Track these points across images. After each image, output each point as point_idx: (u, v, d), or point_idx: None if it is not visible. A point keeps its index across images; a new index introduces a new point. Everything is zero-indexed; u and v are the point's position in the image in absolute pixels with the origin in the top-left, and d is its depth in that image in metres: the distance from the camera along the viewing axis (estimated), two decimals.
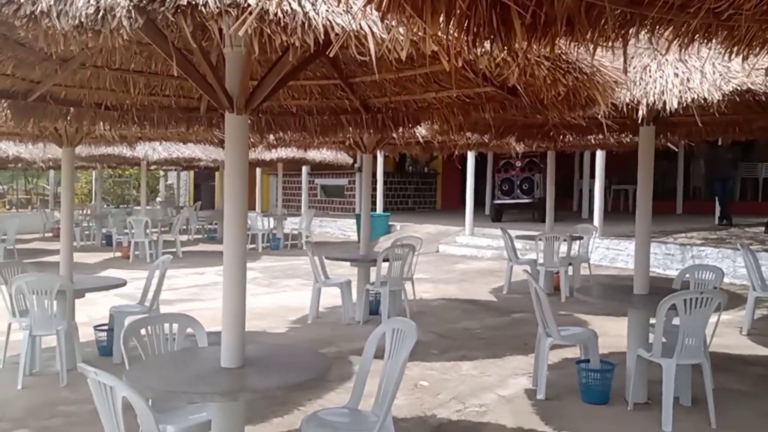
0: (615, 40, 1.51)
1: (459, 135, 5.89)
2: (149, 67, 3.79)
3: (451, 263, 11.90)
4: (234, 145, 2.85)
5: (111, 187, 25.10)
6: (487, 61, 2.04)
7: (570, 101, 3.00)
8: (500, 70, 2.91)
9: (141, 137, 6.46)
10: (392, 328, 3.27)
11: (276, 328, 6.85)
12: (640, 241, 4.77)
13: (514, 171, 14.82)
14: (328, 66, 3.86)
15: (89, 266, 11.39)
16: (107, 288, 5.57)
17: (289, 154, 12.94)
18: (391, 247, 7.24)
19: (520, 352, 5.87)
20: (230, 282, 2.89)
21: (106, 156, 11.62)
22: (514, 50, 1.62)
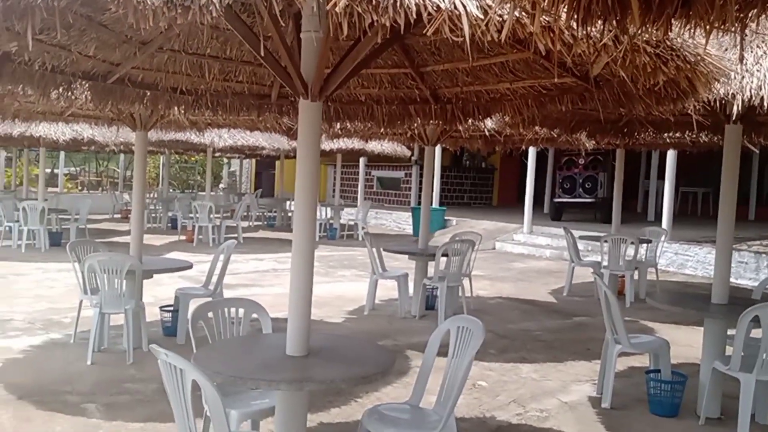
0: (732, 24, 1.38)
1: (528, 129, 5.72)
2: (224, 52, 3.81)
3: (508, 261, 11.69)
4: (307, 132, 2.82)
5: (177, 172, 25.85)
6: (585, 46, 1.92)
7: (661, 93, 2.83)
8: (584, 58, 2.78)
9: (211, 123, 6.56)
10: (458, 326, 3.19)
11: (333, 318, 6.87)
12: (721, 248, 4.50)
13: (576, 169, 14.41)
14: (400, 54, 3.79)
15: (155, 248, 11.74)
16: (174, 270, 5.70)
17: (348, 145, 12.97)
18: (450, 242, 7.13)
19: (583, 358, 5.68)
20: (298, 270, 2.86)
21: (174, 142, 11.92)
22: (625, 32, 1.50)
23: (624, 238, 8.09)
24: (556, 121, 5.21)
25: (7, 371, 4.76)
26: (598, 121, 5.56)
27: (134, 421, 3.88)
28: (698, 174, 16.69)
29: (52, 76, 3.35)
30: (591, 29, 2.02)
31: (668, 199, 11.20)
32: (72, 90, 3.53)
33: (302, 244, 2.87)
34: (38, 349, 5.36)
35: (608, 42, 2.01)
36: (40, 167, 11.66)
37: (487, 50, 3.37)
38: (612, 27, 1.53)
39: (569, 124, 5.45)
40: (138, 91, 3.93)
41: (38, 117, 6.22)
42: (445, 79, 4.02)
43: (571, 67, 3.19)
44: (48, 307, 6.84)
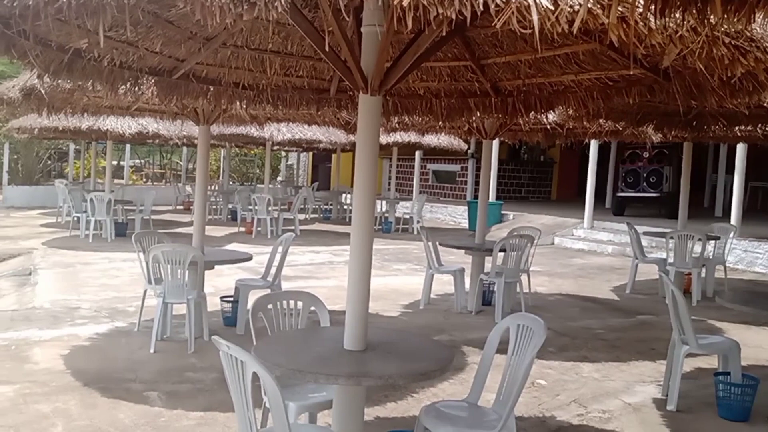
0: None
1: (592, 122, 5.54)
2: (285, 47, 3.84)
3: (567, 257, 11.43)
4: (366, 127, 2.80)
5: (237, 165, 26.45)
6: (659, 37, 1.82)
7: (736, 86, 2.67)
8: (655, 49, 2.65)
9: (270, 117, 6.65)
10: (518, 324, 3.12)
11: (388, 311, 6.87)
12: None
13: (641, 162, 13.94)
14: (461, 46, 3.72)
15: (215, 239, 12.04)
16: (235, 261, 5.82)
17: (405, 139, 12.93)
18: (508, 237, 7.01)
19: (647, 358, 5.49)
20: (357, 265, 2.86)
21: (234, 135, 12.17)
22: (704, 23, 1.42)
23: (691, 235, 7.77)
24: (622, 113, 5.02)
25: (74, 358, 4.97)
26: (666, 114, 5.34)
27: (195, 410, 3.98)
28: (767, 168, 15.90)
29: (120, 72, 3.45)
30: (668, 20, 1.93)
31: (738, 195, 10.70)
32: (139, 85, 3.63)
33: (361, 238, 2.87)
34: (104, 337, 5.57)
35: (684, 33, 1.90)
36: (107, 160, 12.12)
37: (552, 41, 3.27)
38: (691, 17, 1.44)
39: (635, 116, 5.24)
40: (202, 87, 4.01)
41: (106, 111, 6.46)
42: (507, 72, 3.93)
43: (641, 59, 3.05)
44: (114, 296, 7.11)
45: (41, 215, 15.57)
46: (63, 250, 10.21)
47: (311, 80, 4.23)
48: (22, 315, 6.27)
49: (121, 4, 2.02)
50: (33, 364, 4.77)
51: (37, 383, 4.35)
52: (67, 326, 5.87)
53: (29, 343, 5.30)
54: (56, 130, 11.00)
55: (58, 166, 24.61)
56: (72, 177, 20.58)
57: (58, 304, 6.65)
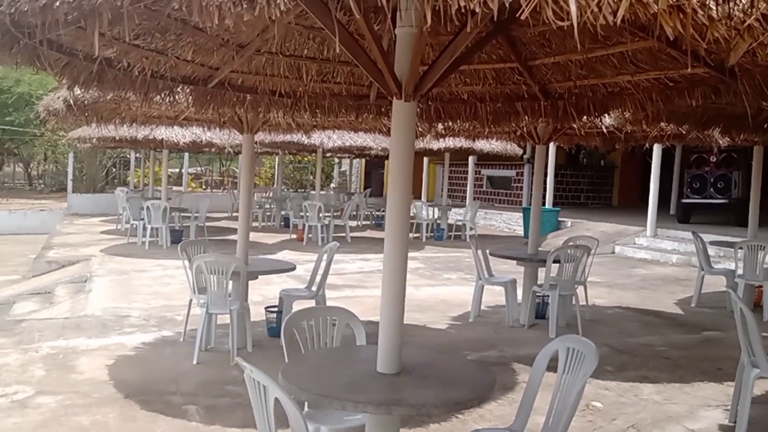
0: None
1: (652, 125, 5.18)
2: (321, 53, 3.71)
3: (628, 267, 10.90)
4: (400, 134, 2.63)
5: (291, 172, 26.73)
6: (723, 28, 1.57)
7: None
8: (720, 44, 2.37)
9: (316, 125, 6.57)
10: (567, 348, 2.87)
11: (436, 323, 6.65)
12: None
13: (707, 167, 13.21)
14: (506, 47, 3.50)
15: (267, 246, 12.11)
16: (278, 272, 5.74)
17: (456, 144, 12.68)
18: (563, 247, 6.68)
19: (713, 379, 5.08)
20: (390, 282, 2.69)
21: (285, 143, 12.22)
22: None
23: (762, 245, 7.22)
24: (685, 116, 4.66)
25: (118, 368, 4.98)
26: (733, 116, 4.94)
27: (232, 426, 3.89)
28: None
29: (153, 82, 3.40)
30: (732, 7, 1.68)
31: None
32: (174, 95, 3.58)
33: (394, 253, 2.69)
34: (149, 347, 5.58)
35: (753, 23, 1.64)
36: (163, 168, 12.38)
37: (603, 39, 3.02)
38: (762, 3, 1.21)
39: (700, 119, 4.87)
40: (238, 95, 3.94)
41: (155, 121, 6.54)
42: (556, 73, 3.67)
43: (704, 56, 2.76)
44: (163, 304, 7.17)
45: (102, 222, 16.08)
46: (119, 257, 10.45)
47: (349, 86, 4.09)
48: (74, 323, 6.38)
49: (141, 12, 1.93)
50: (78, 374, 4.80)
51: (80, 394, 4.36)
52: (115, 335, 5.92)
53: (77, 352, 5.36)
54: (114, 140, 11.30)
55: (121, 174, 25.51)
56: (133, 185, 21.23)
57: (109, 312, 6.75)
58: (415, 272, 9.72)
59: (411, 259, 11.17)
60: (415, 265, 10.41)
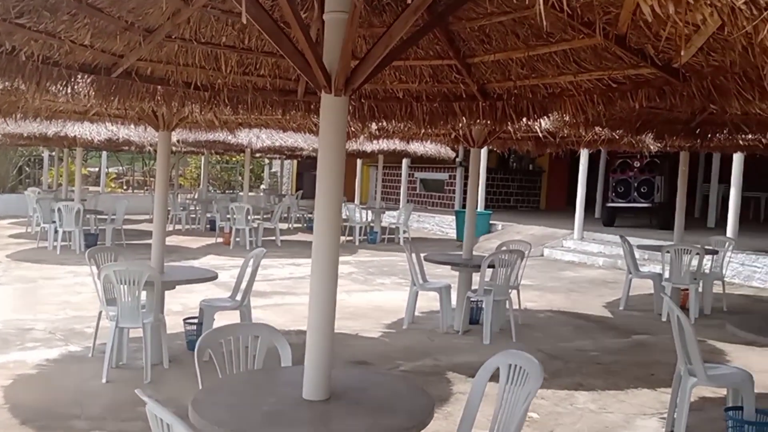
0: None
1: (589, 129, 5.12)
2: (242, 42, 3.38)
3: (557, 269, 11.01)
4: (330, 132, 2.35)
5: (219, 173, 25.87)
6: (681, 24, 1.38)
7: None
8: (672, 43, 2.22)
9: (241, 123, 6.18)
10: (508, 364, 2.66)
11: (369, 332, 6.39)
12: None
13: (631, 172, 13.59)
14: (444, 43, 3.28)
15: (190, 251, 11.53)
16: (198, 281, 5.31)
17: (390, 146, 12.49)
18: (497, 252, 6.58)
19: (647, 385, 5.06)
20: (318, 298, 2.40)
21: (211, 142, 11.67)
22: None
23: (688, 249, 7.37)
24: (621, 121, 4.61)
25: (16, 390, 4.45)
26: (667, 121, 4.94)
27: None
28: (760, 177, 15.61)
29: (46, 69, 2.97)
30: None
31: (734, 206, 10.36)
32: (72, 85, 3.15)
33: (324, 262, 2.41)
34: (54, 364, 5.05)
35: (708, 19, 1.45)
36: (76, 167, 11.57)
37: (547, 35, 2.84)
38: None
39: (635, 124, 4.83)
40: (147, 86, 3.53)
41: (62, 116, 5.99)
42: (496, 72, 3.48)
43: (651, 55, 2.62)
44: (73, 315, 6.59)
45: (12, 225, 14.96)
46: (27, 263, 9.65)
47: (275, 80, 3.76)
48: None
49: None
50: None
51: None
52: (15, 351, 5.34)
53: None
54: (22, 137, 10.43)
55: (35, 174, 23.92)
56: (47, 185, 19.92)
57: (11, 325, 6.12)
58: (348, 277, 9.45)
59: (344, 264, 10.95)
60: (348, 269, 10.13)
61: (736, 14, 1.20)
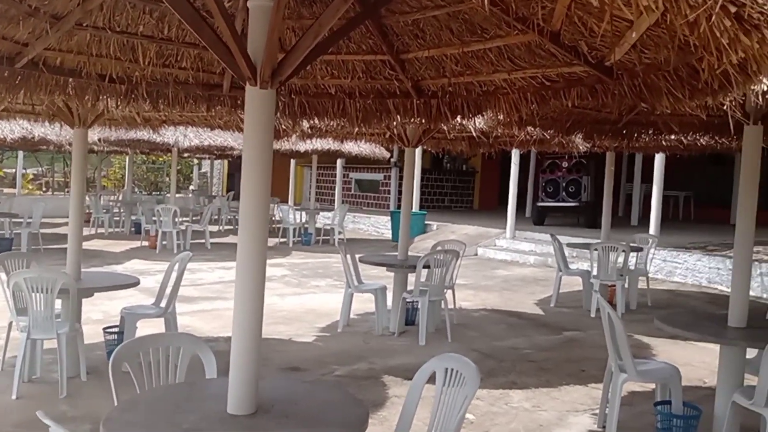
0: None
1: (522, 129, 5.14)
2: (161, 31, 3.16)
3: (491, 268, 11.15)
4: (256, 127, 2.20)
5: (145, 173, 24.90)
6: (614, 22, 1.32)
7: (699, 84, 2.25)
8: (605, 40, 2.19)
9: (165, 120, 5.87)
10: (445, 368, 2.58)
11: (302, 336, 6.22)
12: (739, 263, 3.97)
13: (560, 172, 13.96)
14: (377, 37, 3.17)
15: (113, 255, 10.98)
16: (117, 288, 5.00)
17: (324, 146, 12.31)
18: (432, 252, 6.55)
19: (578, 381, 5.13)
20: (243, 305, 2.24)
21: (135, 141, 11.17)
22: None
23: (615, 246, 7.59)
24: (552, 121, 4.65)
25: None
26: (596, 122, 5.03)
27: None
28: (679, 177, 16.39)
29: None
30: None
31: (656, 205, 10.77)
32: None
33: (249, 267, 2.26)
34: None
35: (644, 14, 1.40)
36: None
37: (481, 31, 2.78)
38: None
39: (565, 124, 4.89)
40: (57, 78, 3.26)
41: None
42: (430, 69, 3.41)
43: (585, 53, 2.60)
44: None
45: None
46: None
47: (198, 73, 3.55)
48: None
49: None
50: None
51: None
52: None
53: None
54: None
55: None
56: None
57: None
58: (281, 280, 9.23)
59: (277, 266, 10.70)
60: (281, 272, 9.90)
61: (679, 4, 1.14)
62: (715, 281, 9.62)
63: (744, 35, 1.34)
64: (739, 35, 1.32)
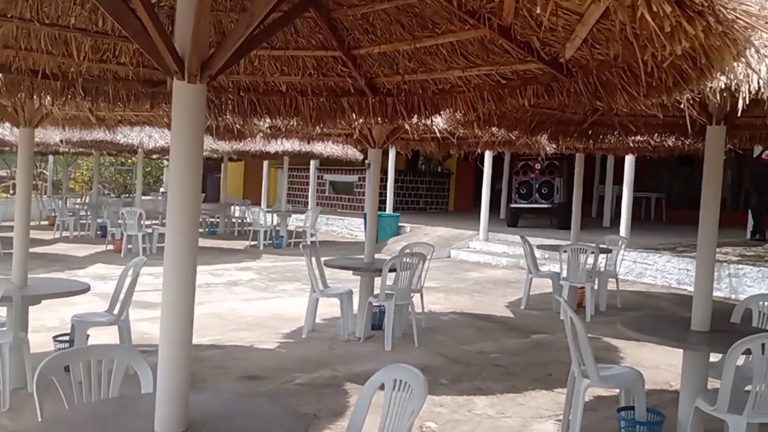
0: None
1: (484, 129, 5.05)
2: (96, 24, 2.99)
3: (463, 270, 11.08)
4: (184, 124, 2.05)
5: (113, 175, 24.43)
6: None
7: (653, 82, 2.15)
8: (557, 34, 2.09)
9: (121, 120, 5.67)
10: (393, 379, 2.46)
11: (265, 343, 6.05)
12: (702, 266, 3.91)
13: (533, 174, 13.96)
14: (326, 32, 3.04)
15: (76, 260, 10.69)
16: (66, 294, 4.78)
17: (295, 147, 12.13)
18: (399, 255, 6.43)
19: (544, 386, 5.04)
20: (170, 315, 2.09)
21: (98, 142, 10.88)
22: None
23: (584, 248, 7.55)
24: (516, 121, 4.56)
25: None
26: (561, 122, 4.95)
27: None
28: (650, 178, 16.51)
29: None
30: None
31: (626, 206, 10.78)
32: None
33: (177, 271, 2.11)
34: None
35: None
36: None
37: (432, 25, 2.67)
38: None
39: (529, 125, 4.81)
40: None
41: None
42: (383, 66, 3.28)
43: (538, 49, 2.50)
44: None
45: None
46: None
47: (138, 69, 3.38)
48: None
49: None
50: None
51: None
52: None
53: None
54: None
55: None
56: None
57: None
58: (248, 284, 9.03)
59: (245, 270, 10.49)
60: (249, 276, 9.70)
61: None
62: (684, 282, 9.64)
63: (687, 22, 1.23)
64: (681, 22, 1.21)
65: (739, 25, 1.30)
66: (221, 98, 3.46)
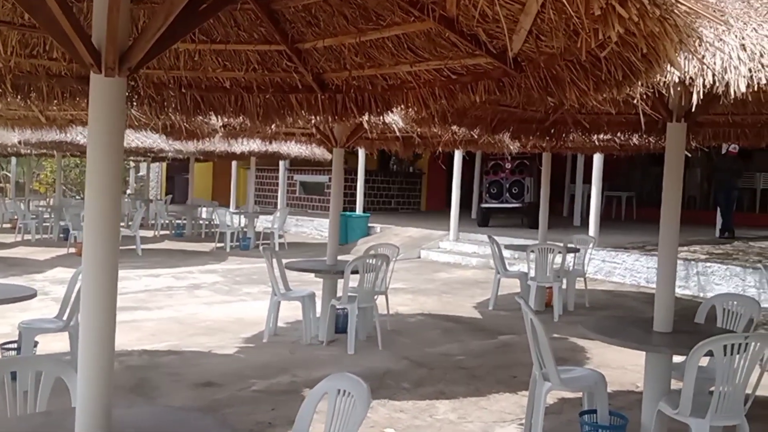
0: None
1: (443, 128, 4.95)
2: (21, 16, 2.82)
3: (432, 271, 11.00)
4: (101, 120, 1.90)
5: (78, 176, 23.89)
6: None
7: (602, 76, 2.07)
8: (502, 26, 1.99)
9: (73, 120, 5.46)
10: (336, 389, 2.34)
11: (224, 348, 5.88)
12: (664, 265, 3.86)
13: (503, 173, 13.96)
14: (268, 24, 2.90)
15: (36, 264, 10.38)
16: (11, 301, 4.55)
17: (260, 147, 11.93)
18: (362, 256, 6.30)
19: (508, 388, 4.96)
20: (90, 321, 1.94)
21: (59, 143, 10.57)
22: None
23: (551, 248, 7.51)
24: (477, 119, 4.48)
25: None
26: (522, 121, 4.88)
27: None
28: (621, 178, 16.65)
29: None
30: None
31: (595, 206, 10.81)
32: None
33: (96, 277, 1.96)
34: None
35: None
36: None
37: (376, 17, 2.55)
38: None
39: (490, 123, 4.73)
40: None
41: None
42: (330, 60, 3.15)
43: (485, 41, 2.40)
44: None
45: None
46: None
47: (71, 65, 3.21)
48: None
49: None
50: None
51: None
52: None
53: None
54: None
55: None
56: None
57: None
58: (212, 287, 8.83)
59: (210, 273, 10.27)
60: (212, 279, 9.50)
61: None
62: (652, 281, 9.66)
63: (620, 5, 1.13)
64: (613, 5, 1.12)
65: (679, 10, 1.22)
66: (162, 95, 3.30)
